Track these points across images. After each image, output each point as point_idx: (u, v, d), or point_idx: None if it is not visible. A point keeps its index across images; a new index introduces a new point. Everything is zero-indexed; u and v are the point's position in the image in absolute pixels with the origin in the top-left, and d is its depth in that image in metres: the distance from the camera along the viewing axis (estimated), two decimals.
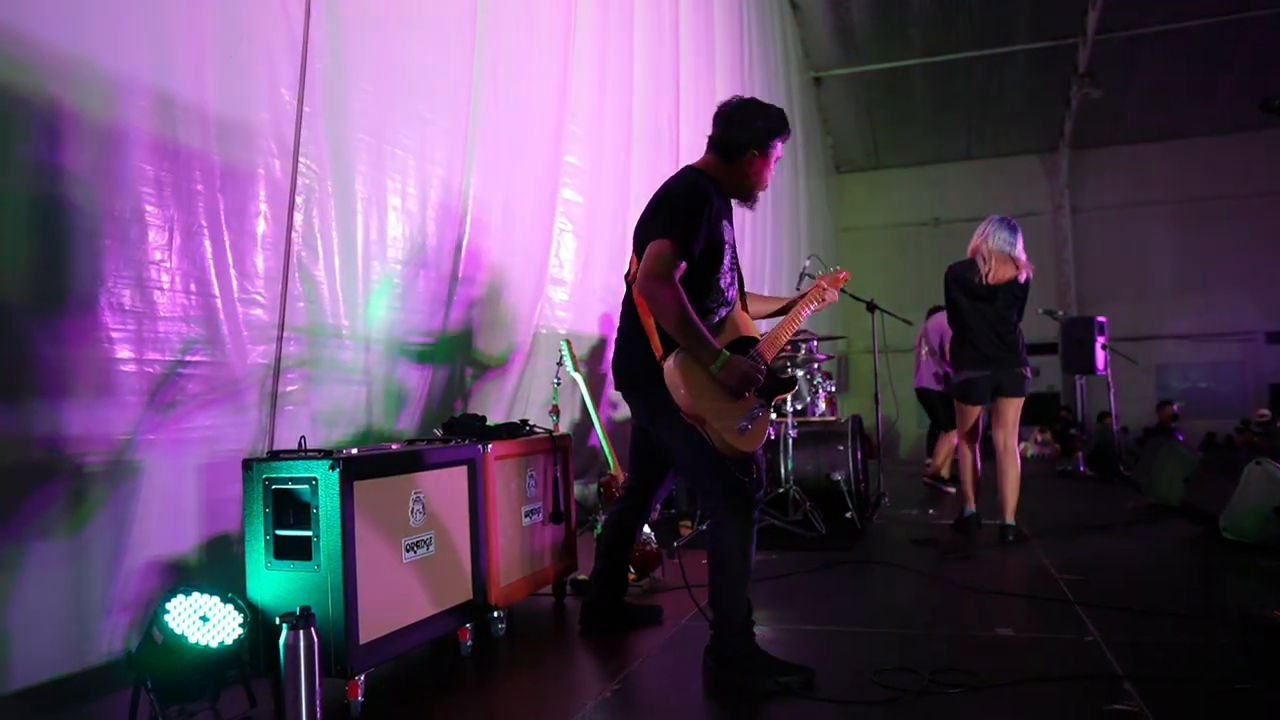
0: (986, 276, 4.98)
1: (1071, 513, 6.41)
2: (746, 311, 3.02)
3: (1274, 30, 12.42)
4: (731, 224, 2.95)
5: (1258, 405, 13.42)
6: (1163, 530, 5.40)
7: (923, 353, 8.13)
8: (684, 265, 2.65)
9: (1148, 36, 12.83)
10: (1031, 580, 4.04)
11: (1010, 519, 5.06)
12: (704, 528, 3.71)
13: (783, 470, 5.46)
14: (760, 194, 2.96)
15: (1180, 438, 10.26)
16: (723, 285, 2.84)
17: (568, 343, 4.48)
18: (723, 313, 2.85)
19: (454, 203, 4.32)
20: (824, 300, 3.16)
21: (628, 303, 2.94)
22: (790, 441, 5.48)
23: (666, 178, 2.94)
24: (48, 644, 2.44)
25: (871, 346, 6.62)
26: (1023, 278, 5.00)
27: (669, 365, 2.65)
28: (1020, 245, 5.02)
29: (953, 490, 7.73)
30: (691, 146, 7.57)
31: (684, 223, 2.67)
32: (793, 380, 3.03)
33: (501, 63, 4.69)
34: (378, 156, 3.77)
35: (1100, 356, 8.88)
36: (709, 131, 2.92)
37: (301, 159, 3.28)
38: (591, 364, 5.82)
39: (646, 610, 3.47)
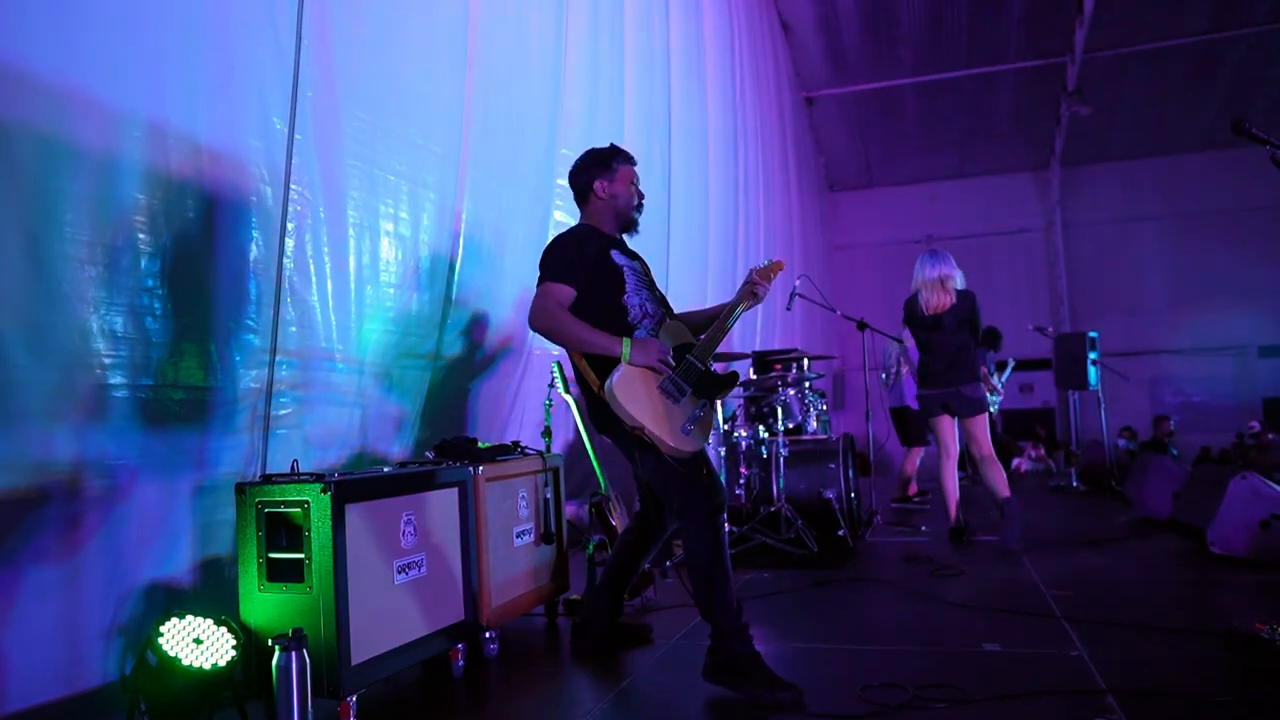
0: (926, 308, 5.55)
1: (1062, 527, 6.45)
2: (679, 323, 3.17)
3: (1259, 48, 12.57)
4: (627, 251, 3.22)
5: (1251, 419, 13.45)
6: (1152, 544, 5.44)
7: (904, 370, 8.20)
8: (571, 293, 2.98)
9: (1135, 55, 12.98)
10: (1020, 596, 4.07)
11: (1005, 494, 5.36)
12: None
13: (775, 488, 5.50)
14: (637, 214, 3.27)
15: (1174, 453, 10.30)
16: (633, 303, 3.05)
17: (558, 365, 4.52)
18: (647, 325, 3.03)
19: (447, 226, 4.37)
20: (756, 296, 3.14)
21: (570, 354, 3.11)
22: (782, 460, 5.51)
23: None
24: (42, 668, 2.46)
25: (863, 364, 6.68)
26: (947, 303, 5.48)
27: (606, 389, 2.83)
28: (949, 269, 5.54)
29: (924, 502, 7.86)
30: (683, 169, 7.64)
31: (556, 261, 3.04)
32: (733, 377, 3.13)
33: (493, 87, 4.75)
34: (370, 181, 3.81)
35: (1093, 372, 8.94)
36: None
37: (293, 185, 3.32)
38: None
39: (637, 630, 3.49)
